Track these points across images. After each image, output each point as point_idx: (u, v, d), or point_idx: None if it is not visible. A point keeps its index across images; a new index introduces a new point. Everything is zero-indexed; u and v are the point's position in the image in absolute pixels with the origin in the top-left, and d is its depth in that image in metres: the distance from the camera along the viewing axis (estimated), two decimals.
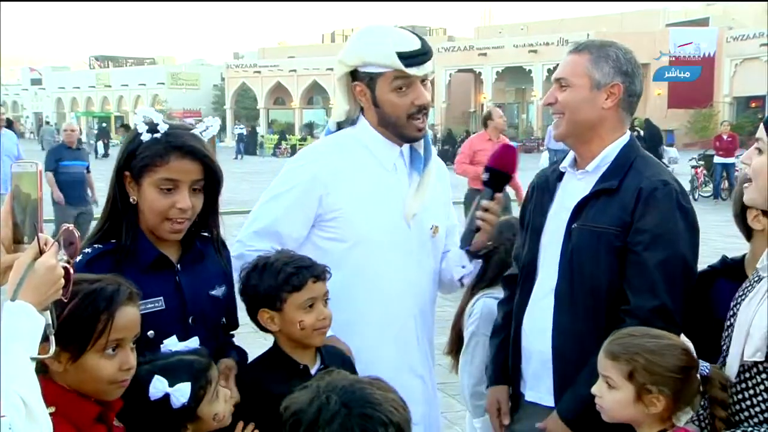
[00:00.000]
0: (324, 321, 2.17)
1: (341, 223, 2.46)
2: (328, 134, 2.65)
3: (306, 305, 2.14)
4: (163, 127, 2.08)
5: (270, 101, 54.73)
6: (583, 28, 42.61)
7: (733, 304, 2.01)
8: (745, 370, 1.92)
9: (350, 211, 2.46)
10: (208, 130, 2.16)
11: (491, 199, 2.48)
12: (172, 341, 1.93)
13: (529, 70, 43.04)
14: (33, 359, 1.41)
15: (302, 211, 2.47)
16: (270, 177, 2.74)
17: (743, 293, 1.99)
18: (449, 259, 2.67)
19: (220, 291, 2.21)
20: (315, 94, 53.91)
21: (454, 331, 3.47)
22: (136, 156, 2.07)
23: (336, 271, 2.25)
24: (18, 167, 1.52)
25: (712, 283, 2.38)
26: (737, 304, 1.98)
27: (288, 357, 2.19)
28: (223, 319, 2.26)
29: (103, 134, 40.65)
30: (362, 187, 2.48)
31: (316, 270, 2.17)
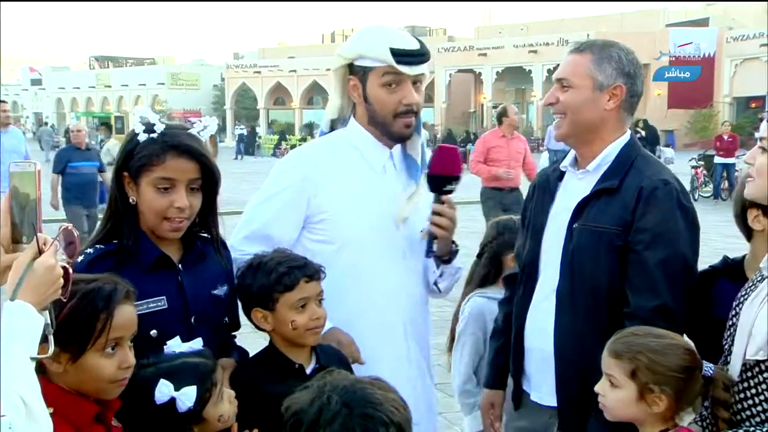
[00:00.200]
0: (317, 321, 2.16)
1: (329, 225, 2.46)
2: (322, 135, 2.65)
3: (298, 305, 2.14)
4: (160, 127, 2.08)
5: (270, 101, 54.75)
6: (583, 29, 42.59)
7: (736, 304, 2.01)
8: (747, 369, 1.92)
9: (337, 213, 2.46)
10: (206, 129, 2.16)
11: (440, 203, 2.45)
12: (176, 342, 1.92)
13: (529, 71, 43.04)
14: (32, 359, 1.41)
15: (292, 214, 2.47)
16: None
17: (746, 293, 1.99)
18: (429, 265, 2.65)
19: (222, 290, 2.21)
20: (315, 94, 53.89)
21: (451, 331, 3.50)
22: (134, 156, 2.08)
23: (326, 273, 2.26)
24: (16, 167, 1.51)
25: (713, 283, 2.39)
26: (740, 304, 1.99)
27: (283, 356, 2.19)
28: (225, 319, 2.26)
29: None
30: (350, 189, 2.47)
31: (308, 270, 2.17)
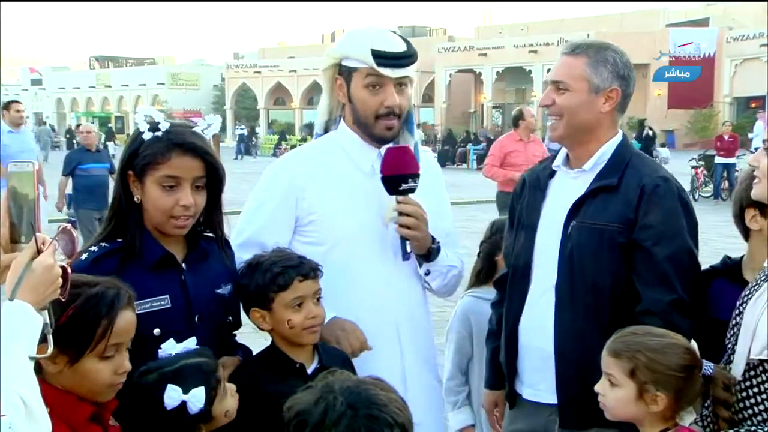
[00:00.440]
0: (314, 320, 2.16)
1: (317, 227, 2.47)
2: (317, 137, 2.66)
3: (294, 304, 2.14)
4: (165, 126, 2.09)
5: (270, 101, 54.76)
6: (584, 29, 42.58)
7: (740, 303, 2.02)
8: (751, 369, 1.93)
9: (325, 214, 2.46)
10: (210, 127, 2.16)
11: (404, 202, 2.42)
12: (170, 345, 1.91)
13: (530, 71, 43.04)
14: (32, 359, 1.40)
15: (283, 217, 2.48)
16: None
17: (750, 292, 2.00)
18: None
19: (225, 289, 2.21)
20: (315, 94, 53.80)
21: None
22: (139, 155, 2.08)
23: None
24: (14, 166, 1.51)
25: (709, 284, 2.40)
26: (744, 303, 1.99)
27: (284, 355, 2.19)
28: (229, 318, 2.26)
29: (110, 135, 40.67)
30: (337, 190, 2.48)
31: (303, 269, 2.17)
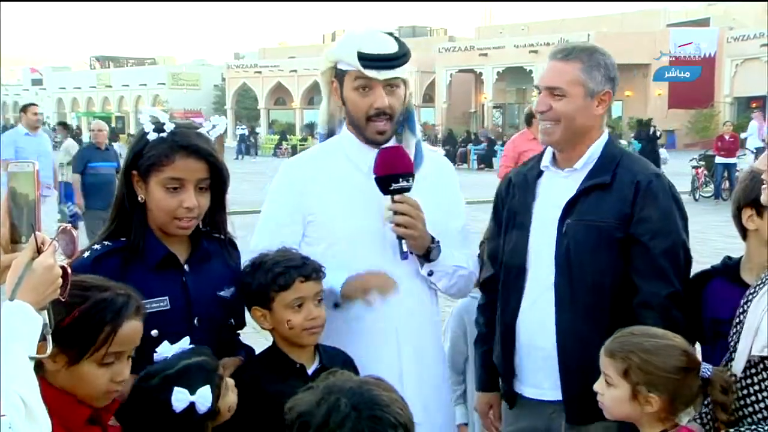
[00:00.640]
0: (313, 321, 2.16)
1: (316, 227, 2.48)
2: (321, 139, 2.68)
3: (294, 305, 2.15)
4: (170, 126, 2.09)
5: (271, 101, 54.75)
6: (584, 29, 42.60)
7: (744, 302, 2.04)
8: (752, 366, 1.95)
9: (325, 215, 2.47)
10: (215, 128, 2.17)
11: (400, 202, 2.41)
12: (165, 348, 1.89)
13: (530, 71, 42.99)
14: (31, 359, 1.40)
15: (293, 226, 2.49)
16: (270, 178, 2.73)
17: (754, 291, 2.02)
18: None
19: (228, 292, 2.21)
20: (315, 94, 53.73)
21: None
22: (143, 155, 2.09)
23: None
24: (14, 167, 1.50)
25: (706, 284, 2.43)
26: (748, 302, 2.01)
27: (285, 356, 2.19)
28: (231, 320, 2.26)
29: (114, 135, 40.62)
30: (337, 191, 2.48)
31: (305, 270, 2.17)
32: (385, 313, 2.47)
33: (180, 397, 1.78)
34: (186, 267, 2.15)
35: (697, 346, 2.38)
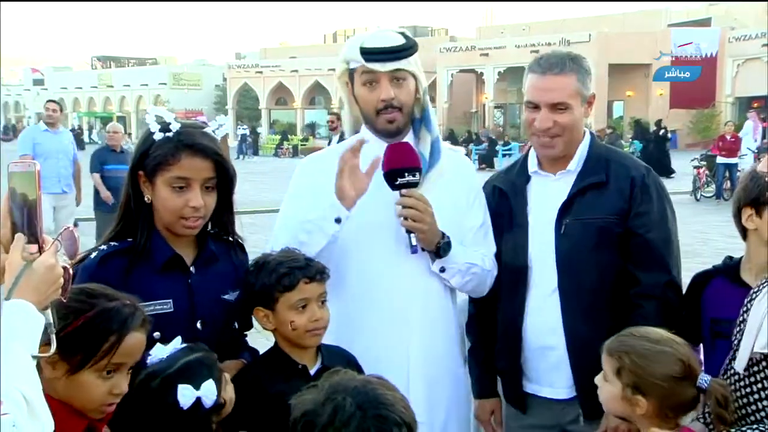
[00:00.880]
0: (317, 323, 2.15)
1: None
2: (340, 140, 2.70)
3: (298, 306, 2.13)
4: (175, 126, 2.09)
5: (272, 101, 54.70)
6: (585, 28, 42.57)
7: (747, 301, 2.06)
8: (755, 364, 1.97)
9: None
10: (220, 128, 2.17)
11: (408, 197, 2.42)
12: (158, 349, 1.88)
13: None
14: (34, 357, 1.40)
15: (315, 208, 2.48)
16: (272, 178, 2.75)
17: (758, 289, 2.04)
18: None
19: (233, 295, 2.20)
20: (317, 94, 53.86)
21: None
22: (149, 155, 2.09)
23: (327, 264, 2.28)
24: (16, 167, 1.49)
25: (706, 284, 2.44)
26: (751, 301, 2.03)
27: (287, 356, 2.18)
28: (235, 324, 2.25)
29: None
30: None
31: (309, 271, 2.15)
32: (394, 305, 2.47)
33: (186, 393, 1.78)
34: (192, 269, 2.15)
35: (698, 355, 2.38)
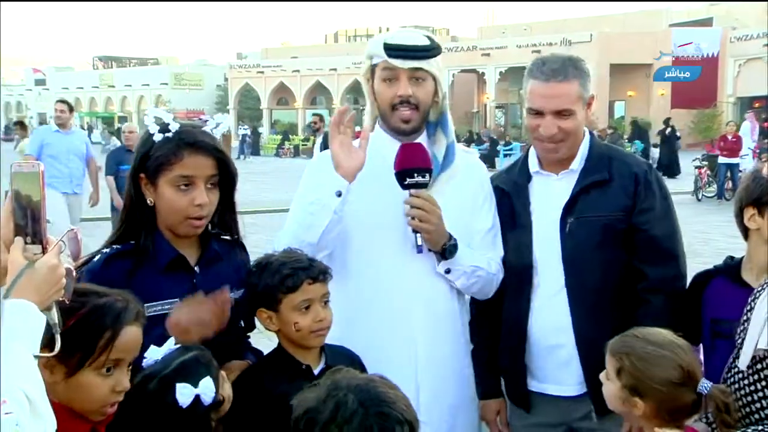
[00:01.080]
0: (321, 323, 2.15)
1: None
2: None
3: (301, 307, 2.13)
4: (174, 126, 2.09)
5: (273, 101, 54.68)
6: (586, 29, 42.54)
7: (751, 299, 2.06)
8: (758, 361, 1.98)
9: (349, 204, 2.45)
10: (219, 126, 2.17)
11: (416, 197, 2.43)
12: (153, 351, 1.87)
13: None
14: (36, 357, 1.40)
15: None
16: (273, 178, 2.75)
17: (762, 288, 2.05)
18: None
19: (237, 294, 2.20)
20: (318, 94, 53.85)
21: None
22: (150, 157, 2.09)
23: (331, 262, 2.30)
24: (19, 167, 1.49)
25: (708, 283, 2.45)
26: (755, 299, 2.04)
27: (290, 357, 2.17)
28: (240, 322, 2.25)
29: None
30: (361, 181, 2.46)
31: (313, 272, 2.15)
32: (399, 303, 2.48)
33: (184, 392, 1.77)
34: (196, 269, 2.15)
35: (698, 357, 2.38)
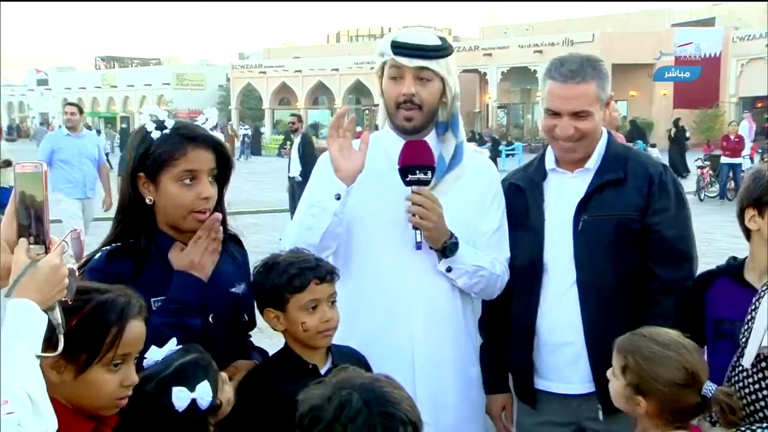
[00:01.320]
0: (328, 323, 2.15)
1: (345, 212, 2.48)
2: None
3: (309, 307, 2.13)
4: (170, 123, 2.10)
5: (275, 101, 54.72)
6: (588, 29, 42.53)
7: (756, 299, 2.06)
8: (762, 360, 1.98)
9: (351, 198, 2.46)
10: (208, 121, 2.17)
11: (418, 194, 2.42)
12: (153, 352, 1.86)
13: (534, 71, 42.89)
14: (38, 357, 1.40)
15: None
16: (274, 178, 2.76)
17: (766, 288, 2.05)
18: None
19: (240, 288, 2.21)
20: (320, 94, 53.90)
21: None
22: (150, 155, 2.07)
23: (336, 258, 2.30)
24: (22, 168, 1.49)
25: (710, 283, 2.44)
26: (760, 298, 2.04)
27: (297, 357, 2.17)
28: (244, 317, 2.26)
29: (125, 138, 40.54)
30: (366, 178, 2.47)
31: (320, 272, 2.14)
32: (399, 300, 2.48)
33: (180, 396, 1.77)
34: None
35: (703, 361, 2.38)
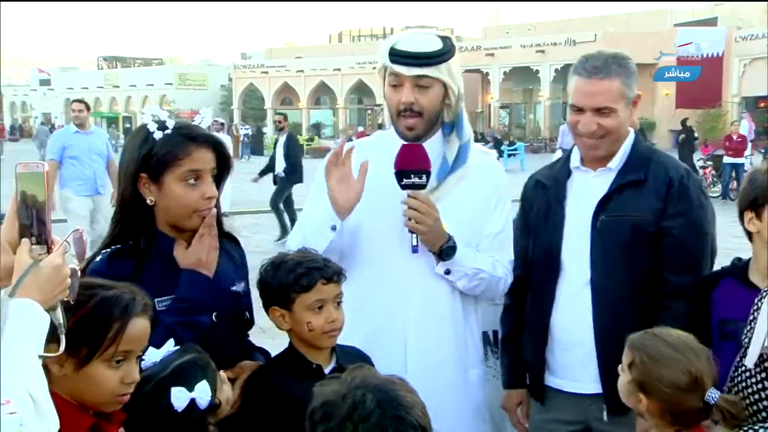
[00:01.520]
0: (333, 324, 2.14)
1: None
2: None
3: (315, 306, 2.12)
4: (171, 123, 2.10)
5: (277, 101, 54.75)
6: (590, 29, 42.54)
7: (758, 300, 2.06)
8: (765, 360, 1.98)
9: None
10: (203, 120, 2.19)
11: (414, 198, 2.42)
12: (151, 353, 1.85)
13: (537, 71, 43.00)
14: (40, 357, 1.40)
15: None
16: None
17: None
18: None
19: (240, 286, 2.22)
20: (322, 94, 53.96)
21: None
22: (154, 155, 2.07)
23: (340, 260, 2.31)
24: (24, 168, 1.49)
25: (716, 284, 2.43)
26: (762, 299, 2.04)
27: (301, 357, 2.17)
28: (246, 314, 2.27)
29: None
30: (368, 183, 2.46)
31: (327, 272, 2.14)
32: (394, 302, 2.48)
33: (179, 396, 1.77)
34: None
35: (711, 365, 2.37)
